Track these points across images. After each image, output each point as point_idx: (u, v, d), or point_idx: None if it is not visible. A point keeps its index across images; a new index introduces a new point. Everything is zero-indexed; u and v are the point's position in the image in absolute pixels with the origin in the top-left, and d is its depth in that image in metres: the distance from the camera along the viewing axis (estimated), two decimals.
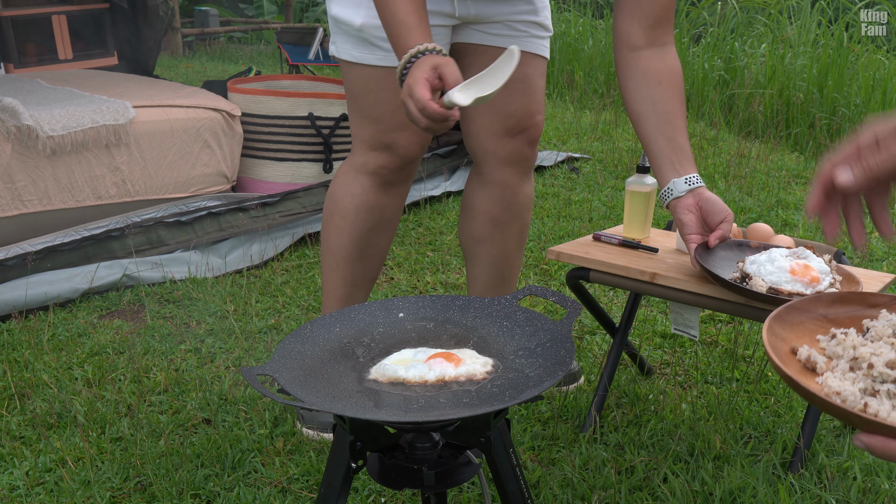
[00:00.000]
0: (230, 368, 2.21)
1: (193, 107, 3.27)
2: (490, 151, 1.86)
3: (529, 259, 2.99)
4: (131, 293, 2.71)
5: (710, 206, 1.55)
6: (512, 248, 1.97)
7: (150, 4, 4.72)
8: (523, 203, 1.94)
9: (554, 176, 4.09)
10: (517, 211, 1.93)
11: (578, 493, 1.66)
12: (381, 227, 1.88)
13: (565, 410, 1.98)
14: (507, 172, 1.88)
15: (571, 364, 1.09)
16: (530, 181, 1.95)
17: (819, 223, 0.81)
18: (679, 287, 1.63)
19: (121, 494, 1.70)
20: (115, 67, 4.86)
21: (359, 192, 1.83)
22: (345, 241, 1.86)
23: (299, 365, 1.07)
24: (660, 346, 2.34)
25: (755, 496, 1.63)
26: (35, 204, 2.89)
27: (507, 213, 1.92)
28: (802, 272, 1.50)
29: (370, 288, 1.95)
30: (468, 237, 1.98)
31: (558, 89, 6.39)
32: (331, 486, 1.05)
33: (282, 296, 2.69)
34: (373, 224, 1.85)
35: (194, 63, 8.15)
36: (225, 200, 3.14)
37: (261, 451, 1.83)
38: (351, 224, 1.85)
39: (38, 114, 2.88)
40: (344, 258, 1.88)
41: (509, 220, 1.93)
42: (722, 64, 5.73)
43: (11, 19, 4.56)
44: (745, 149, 4.48)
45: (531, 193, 1.96)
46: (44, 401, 2.03)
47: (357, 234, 1.85)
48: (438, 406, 0.98)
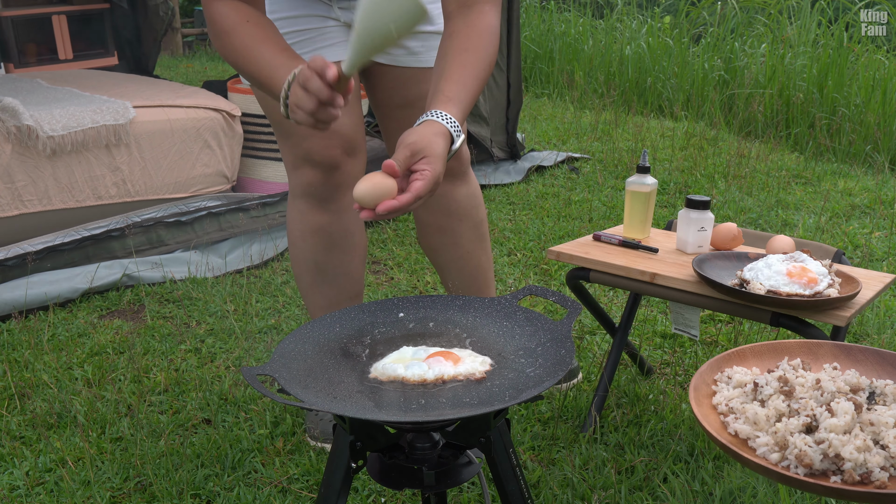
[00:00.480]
0: (230, 368, 2.21)
1: (193, 107, 3.27)
2: None
3: (529, 259, 2.99)
4: (131, 293, 2.71)
5: (419, 144, 1.20)
6: (470, 248, 1.93)
7: (150, 4, 4.72)
8: (465, 204, 1.88)
9: (554, 176, 4.09)
10: (462, 213, 1.89)
11: (578, 493, 1.66)
12: (336, 246, 1.81)
13: (565, 410, 1.98)
14: None
15: (572, 364, 1.09)
16: (467, 182, 1.88)
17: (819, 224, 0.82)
18: (679, 287, 1.63)
19: (121, 494, 1.70)
20: (115, 67, 4.86)
21: (298, 217, 1.79)
22: (303, 269, 1.84)
23: (299, 365, 1.07)
24: (660, 346, 2.34)
25: (755, 496, 1.63)
26: (35, 204, 2.89)
27: (451, 218, 1.88)
28: (800, 274, 1.51)
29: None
30: (425, 248, 1.96)
31: (558, 89, 6.39)
32: (331, 486, 1.05)
33: (282, 296, 2.69)
34: (324, 246, 1.80)
35: (194, 63, 8.14)
36: (225, 200, 3.14)
37: (261, 451, 1.83)
38: (302, 251, 1.81)
39: (38, 114, 2.88)
40: (309, 284, 1.85)
41: (455, 224, 1.89)
42: (722, 64, 5.73)
43: (11, 19, 4.56)
44: (745, 149, 4.48)
45: (472, 192, 1.90)
46: (44, 401, 2.03)
47: (311, 258, 1.81)
48: (438, 406, 0.98)
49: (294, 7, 1.64)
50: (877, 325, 2.43)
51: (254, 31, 1.34)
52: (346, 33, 1.69)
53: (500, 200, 3.71)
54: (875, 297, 1.58)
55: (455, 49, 1.35)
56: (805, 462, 0.75)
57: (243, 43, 1.34)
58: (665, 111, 5.65)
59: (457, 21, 1.40)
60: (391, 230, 3.31)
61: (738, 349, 0.89)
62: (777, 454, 0.77)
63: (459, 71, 1.32)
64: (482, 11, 1.40)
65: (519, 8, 3.97)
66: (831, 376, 0.88)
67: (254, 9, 1.38)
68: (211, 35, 1.39)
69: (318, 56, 1.17)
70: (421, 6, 1.06)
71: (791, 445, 0.76)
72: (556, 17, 7.27)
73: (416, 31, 1.42)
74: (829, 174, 4.12)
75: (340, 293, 1.85)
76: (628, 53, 6.25)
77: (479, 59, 1.35)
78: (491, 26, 1.40)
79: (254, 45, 1.33)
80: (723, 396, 0.85)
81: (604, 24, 7.07)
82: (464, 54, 1.34)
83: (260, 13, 1.39)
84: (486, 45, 1.37)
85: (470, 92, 1.31)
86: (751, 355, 0.90)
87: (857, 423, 0.80)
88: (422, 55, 1.72)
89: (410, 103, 1.74)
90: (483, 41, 1.37)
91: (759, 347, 0.91)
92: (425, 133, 1.19)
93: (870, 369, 0.93)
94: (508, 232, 3.27)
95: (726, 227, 1.78)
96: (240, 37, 1.34)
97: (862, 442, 0.77)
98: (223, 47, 1.37)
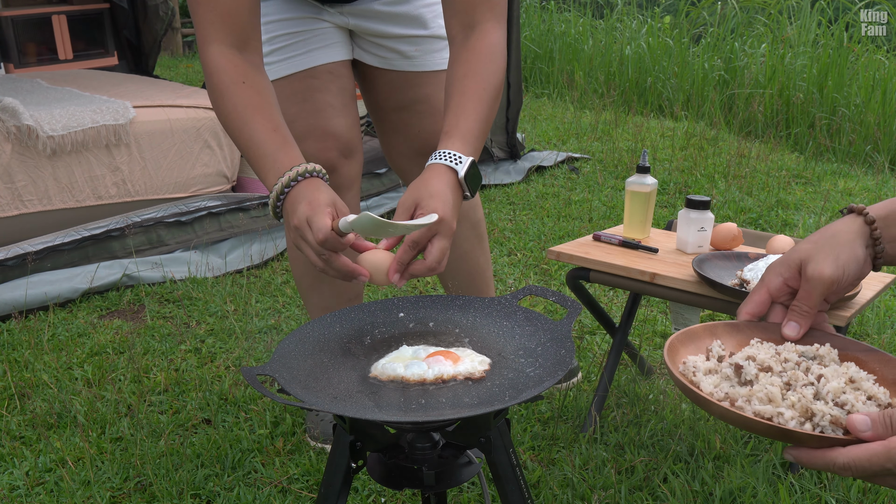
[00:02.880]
0: (230, 368, 2.21)
1: (193, 107, 3.27)
2: (408, 170, 1.83)
3: (529, 259, 2.99)
4: (131, 293, 2.72)
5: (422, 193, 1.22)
6: (467, 248, 1.93)
7: (150, 4, 4.72)
8: (463, 204, 1.87)
9: (554, 176, 4.09)
10: (460, 214, 1.85)
11: (578, 493, 1.66)
12: None
13: (565, 410, 1.98)
14: None
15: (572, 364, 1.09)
16: None
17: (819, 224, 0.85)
18: (679, 287, 1.63)
19: (121, 494, 1.70)
20: (115, 67, 4.86)
21: None
22: (301, 271, 1.84)
23: (299, 365, 1.07)
24: (660, 346, 2.34)
25: (755, 496, 1.63)
26: (35, 204, 2.89)
27: None
28: None
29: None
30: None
31: (558, 89, 6.39)
32: (331, 486, 1.05)
33: (282, 296, 2.69)
34: None
35: (194, 63, 8.14)
36: (225, 200, 3.14)
37: (261, 451, 1.83)
38: (300, 253, 1.81)
39: (38, 114, 2.88)
40: (308, 286, 1.85)
41: None
42: (722, 64, 5.73)
43: (11, 19, 4.56)
44: (745, 149, 4.48)
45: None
46: (44, 401, 2.03)
47: (308, 261, 1.81)
48: (438, 406, 0.98)
49: (286, 10, 1.64)
50: (877, 325, 2.43)
51: (248, 98, 1.27)
52: (338, 34, 1.68)
53: (500, 200, 3.71)
54: (875, 297, 1.58)
55: (456, 77, 1.34)
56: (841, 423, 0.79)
57: (236, 110, 1.27)
58: (665, 111, 5.65)
59: (458, 46, 1.37)
60: None
61: (669, 344, 0.91)
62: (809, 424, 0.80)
63: (458, 99, 1.31)
64: (484, 31, 1.36)
65: (519, 8, 3.97)
66: (784, 348, 0.93)
67: (251, 66, 1.30)
68: (206, 87, 1.32)
69: (318, 215, 1.14)
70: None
71: (819, 413, 0.79)
72: (556, 17, 7.27)
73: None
74: (829, 174, 4.12)
75: (340, 295, 1.85)
76: (628, 53, 6.25)
77: (480, 82, 1.32)
78: (493, 45, 1.36)
79: (247, 116, 1.26)
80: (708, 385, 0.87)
81: (604, 24, 7.07)
82: (464, 81, 1.32)
83: (257, 70, 1.32)
84: (487, 67, 1.35)
85: (471, 118, 1.29)
86: (679, 345, 0.93)
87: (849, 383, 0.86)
88: (416, 59, 1.71)
89: (406, 106, 1.74)
90: (483, 64, 1.34)
91: (681, 337, 0.94)
92: (419, 187, 1.21)
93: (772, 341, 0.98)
94: (508, 232, 3.27)
95: (726, 227, 1.78)
96: (233, 101, 1.27)
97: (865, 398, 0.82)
98: (216, 106, 1.31)
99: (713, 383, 0.86)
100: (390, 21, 1.66)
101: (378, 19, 1.66)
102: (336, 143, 1.68)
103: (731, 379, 0.87)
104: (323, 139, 1.66)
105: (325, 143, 1.67)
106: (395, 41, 1.68)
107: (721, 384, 0.86)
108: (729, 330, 0.96)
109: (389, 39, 1.68)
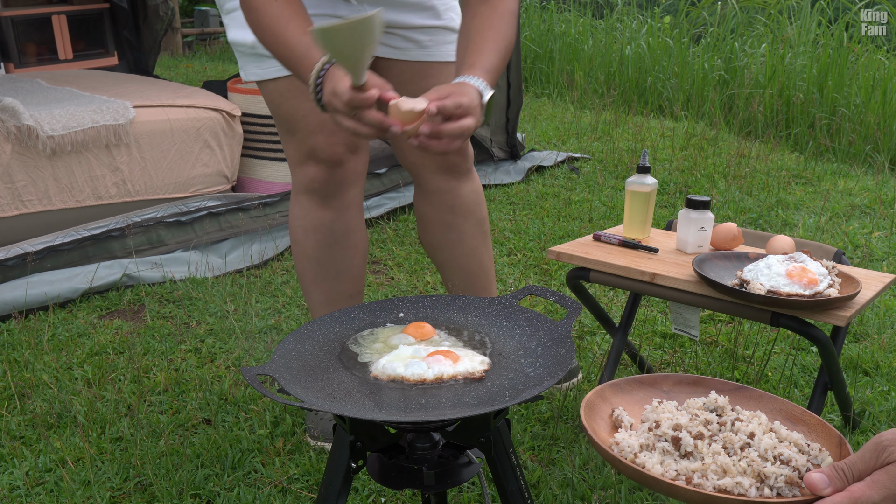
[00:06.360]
0: (230, 368, 2.21)
1: (193, 107, 3.27)
2: (419, 164, 1.84)
3: (529, 259, 2.99)
4: (131, 293, 2.71)
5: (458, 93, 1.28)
6: (473, 245, 1.94)
7: (150, 4, 4.72)
8: (469, 201, 1.90)
9: (554, 176, 4.09)
10: (466, 210, 1.90)
11: (578, 493, 1.66)
12: (338, 244, 1.83)
13: (565, 410, 1.98)
14: (441, 180, 1.86)
15: (572, 363, 1.09)
16: (471, 179, 1.91)
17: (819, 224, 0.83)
18: (679, 287, 1.63)
19: (121, 494, 1.70)
20: (115, 67, 4.86)
21: (301, 213, 1.80)
22: (304, 265, 1.85)
23: (299, 365, 1.07)
24: (660, 346, 2.34)
25: None
26: (35, 204, 2.89)
27: (455, 215, 1.89)
28: (800, 275, 1.51)
29: (354, 304, 1.93)
30: (427, 246, 1.97)
31: (558, 89, 6.39)
32: (331, 486, 1.05)
33: (282, 296, 2.69)
34: (327, 243, 1.81)
35: (194, 63, 8.14)
36: (225, 200, 3.14)
37: (261, 451, 1.83)
38: (304, 248, 1.83)
39: (38, 114, 2.88)
40: (311, 281, 1.86)
41: (460, 221, 1.90)
42: (722, 64, 5.73)
43: (11, 19, 4.56)
44: (745, 149, 4.48)
45: (476, 188, 1.92)
46: (44, 401, 2.03)
47: (312, 255, 1.83)
48: (438, 406, 0.98)
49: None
50: (877, 325, 2.43)
51: (280, 11, 1.39)
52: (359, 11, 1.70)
53: (500, 200, 3.71)
54: (875, 297, 1.58)
55: (477, 27, 1.43)
56: (795, 481, 0.81)
57: (270, 22, 1.39)
58: (665, 111, 5.65)
59: (477, 4, 1.47)
60: (391, 230, 3.31)
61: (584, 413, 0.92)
62: (767, 490, 0.81)
63: (481, 44, 1.40)
64: None
65: (519, 8, 3.97)
66: (687, 404, 0.95)
67: None
68: (241, 7, 1.45)
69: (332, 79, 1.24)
70: (370, 20, 1.11)
71: (772, 475, 0.80)
72: (556, 17, 7.27)
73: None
74: (829, 174, 4.12)
75: (341, 290, 1.86)
76: (628, 53, 6.25)
77: (501, 37, 1.42)
78: (510, 9, 1.46)
79: (280, 26, 1.38)
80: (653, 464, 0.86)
81: (604, 24, 7.07)
82: (487, 31, 1.42)
83: None
84: (507, 26, 1.45)
85: (493, 61, 1.38)
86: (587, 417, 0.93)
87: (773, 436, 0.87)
88: (430, 49, 1.75)
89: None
90: (504, 22, 1.44)
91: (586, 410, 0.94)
92: (453, 86, 1.28)
93: (678, 394, 0.99)
94: (508, 232, 3.27)
95: (726, 227, 1.78)
96: (267, 15, 1.40)
97: (796, 450, 0.84)
98: (251, 23, 1.44)
99: (658, 461, 0.85)
100: (408, 10, 1.71)
101: (396, 8, 1.70)
102: (345, 137, 1.72)
103: (671, 454, 0.86)
104: (333, 134, 1.70)
105: (335, 138, 1.71)
106: (411, 31, 1.73)
107: (664, 460, 0.86)
108: (614, 391, 0.98)
109: (406, 30, 1.72)
